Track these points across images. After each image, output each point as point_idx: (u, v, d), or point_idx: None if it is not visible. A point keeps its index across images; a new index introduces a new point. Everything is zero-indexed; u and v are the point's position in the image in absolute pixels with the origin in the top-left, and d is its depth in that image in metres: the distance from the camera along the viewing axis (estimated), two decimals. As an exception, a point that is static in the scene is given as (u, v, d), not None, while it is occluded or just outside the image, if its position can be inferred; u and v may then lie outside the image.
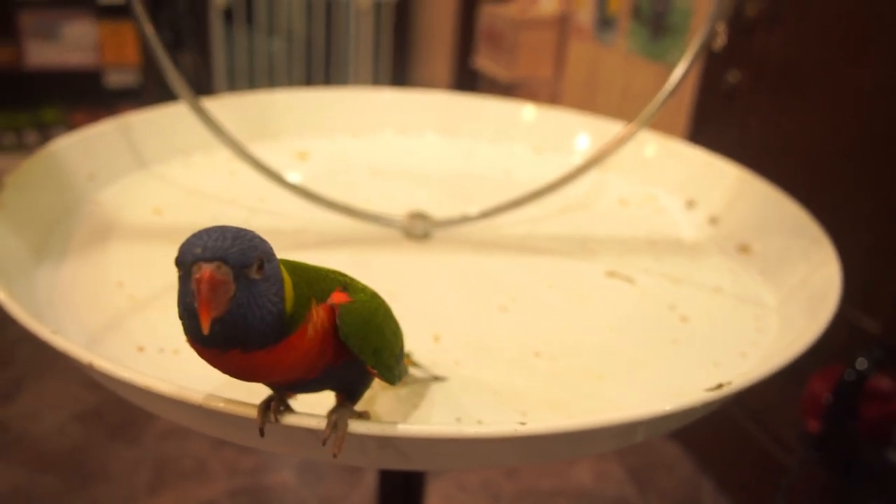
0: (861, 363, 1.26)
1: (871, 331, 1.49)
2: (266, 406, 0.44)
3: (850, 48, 1.55)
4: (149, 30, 0.80)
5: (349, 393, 0.47)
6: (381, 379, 0.46)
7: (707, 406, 0.51)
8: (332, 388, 0.47)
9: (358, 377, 0.47)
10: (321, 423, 0.43)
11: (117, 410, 2.13)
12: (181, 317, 0.39)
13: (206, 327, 0.36)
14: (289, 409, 0.45)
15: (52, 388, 2.20)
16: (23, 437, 2.01)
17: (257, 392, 0.45)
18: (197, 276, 0.36)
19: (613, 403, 0.61)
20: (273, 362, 0.41)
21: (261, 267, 0.38)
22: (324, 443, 0.42)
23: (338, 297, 0.44)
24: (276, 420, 0.44)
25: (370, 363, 0.44)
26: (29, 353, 2.32)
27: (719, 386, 0.52)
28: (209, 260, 0.37)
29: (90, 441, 2.01)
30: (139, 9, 0.81)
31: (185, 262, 0.37)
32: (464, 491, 1.94)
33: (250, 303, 0.38)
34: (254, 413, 0.44)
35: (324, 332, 0.42)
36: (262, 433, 0.44)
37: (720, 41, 0.83)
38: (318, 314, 0.42)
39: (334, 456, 0.42)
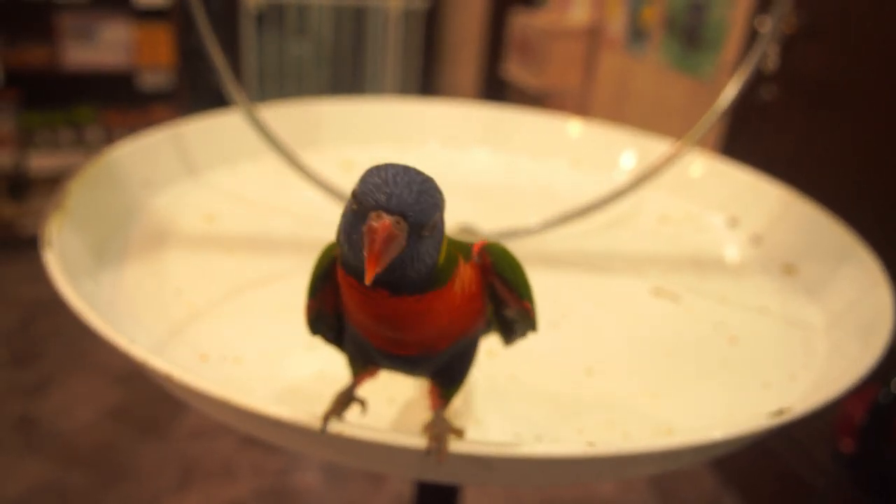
0: (896, 384, 1.25)
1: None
2: (339, 405, 0.46)
3: (888, 64, 1.54)
4: (210, 42, 0.82)
5: (450, 380, 0.48)
6: (530, 319, 0.47)
7: (769, 431, 0.52)
8: (436, 375, 0.48)
9: (469, 359, 0.48)
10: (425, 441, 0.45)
11: (146, 408, 2.16)
12: (340, 244, 0.39)
13: (370, 278, 0.35)
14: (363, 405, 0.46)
15: (82, 384, 2.23)
16: (53, 433, 2.04)
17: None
18: (375, 224, 0.35)
19: (670, 424, 0.62)
20: (417, 312, 0.41)
21: (434, 226, 0.38)
22: (428, 453, 0.44)
23: (477, 246, 0.45)
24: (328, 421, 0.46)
25: (525, 296, 0.45)
26: (58, 349, 2.35)
27: (780, 412, 0.52)
28: (391, 212, 0.36)
29: (119, 438, 2.04)
30: (201, 17, 0.83)
31: (365, 204, 0.36)
32: (489, 498, 1.94)
33: (413, 256, 0.38)
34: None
35: (470, 292, 0.43)
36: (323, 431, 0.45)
37: (771, 64, 0.83)
38: (465, 271, 0.42)
39: (429, 454, 0.44)
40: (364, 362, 0.49)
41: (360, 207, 0.37)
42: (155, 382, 0.55)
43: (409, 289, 0.39)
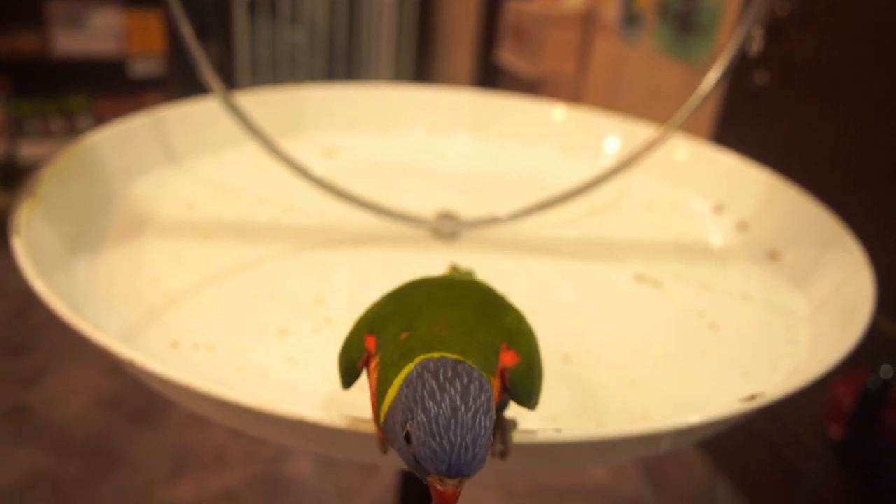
0: (886, 371, 1.25)
1: None
2: None
3: (883, 50, 1.53)
4: (186, 28, 0.81)
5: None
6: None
7: (741, 417, 0.52)
8: None
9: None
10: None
11: (138, 397, 2.16)
12: (398, 453, 0.39)
13: None
14: None
15: (74, 374, 2.23)
16: (47, 422, 2.04)
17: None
18: (440, 488, 0.36)
19: (645, 411, 0.61)
20: None
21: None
22: (493, 454, 0.45)
23: (506, 359, 0.44)
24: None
25: (532, 407, 0.45)
26: (51, 340, 2.35)
27: (752, 397, 0.52)
28: (454, 477, 0.36)
29: (112, 427, 2.05)
30: (175, 4, 0.82)
31: (427, 468, 0.36)
32: (480, 486, 1.94)
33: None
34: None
35: (498, 392, 0.43)
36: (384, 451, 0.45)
37: (756, 47, 0.82)
38: (494, 386, 0.42)
39: (503, 457, 0.45)
40: None
41: (419, 470, 0.37)
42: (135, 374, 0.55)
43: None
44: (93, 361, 2.27)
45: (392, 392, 0.38)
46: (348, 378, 0.47)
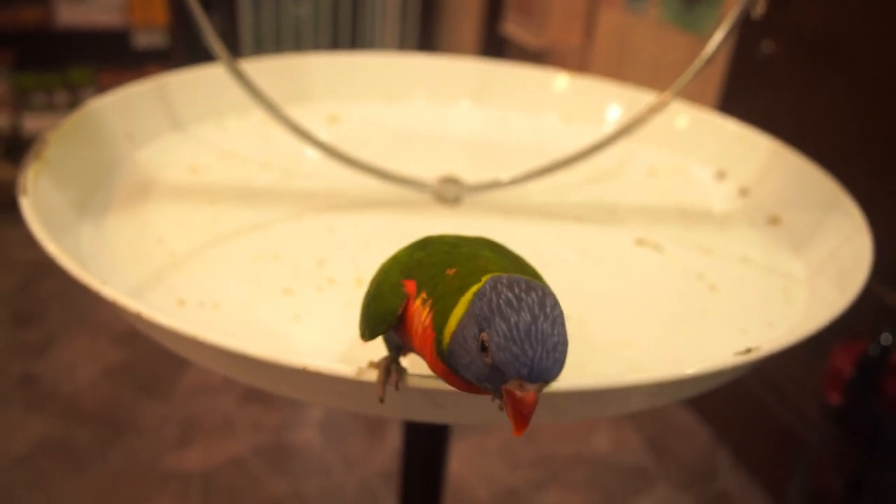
0: (886, 338, 1.26)
1: (897, 307, 1.48)
2: (386, 374, 0.46)
3: (889, 20, 1.51)
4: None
5: None
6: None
7: (737, 369, 0.53)
8: None
9: None
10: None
11: (147, 367, 2.19)
12: (465, 374, 0.39)
13: (519, 433, 0.36)
14: (405, 372, 0.47)
15: (83, 343, 2.26)
16: (56, 392, 2.07)
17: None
18: (520, 394, 0.36)
19: (640, 367, 0.62)
20: None
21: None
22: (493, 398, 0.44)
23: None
24: (397, 388, 0.46)
25: None
26: (59, 310, 2.38)
27: (748, 350, 0.53)
28: (535, 381, 0.36)
29: (121, 396, 2.08)
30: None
31: (507, 371, 0.36)
32: (483, 454, 1.97)
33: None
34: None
35: None
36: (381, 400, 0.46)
37: (759, 10, 0.81)
38: None
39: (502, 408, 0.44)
40: (409, 351, 0.50)
41: (499, 371, 0.37)
42: (155, 341, 0.56)
43: None
44: (101, 332, 2.30)
45: (458, 313, 0.39)
46: (381, 327, 0.46)
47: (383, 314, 0.45)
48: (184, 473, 1.84)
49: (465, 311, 0.38)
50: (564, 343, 0.37)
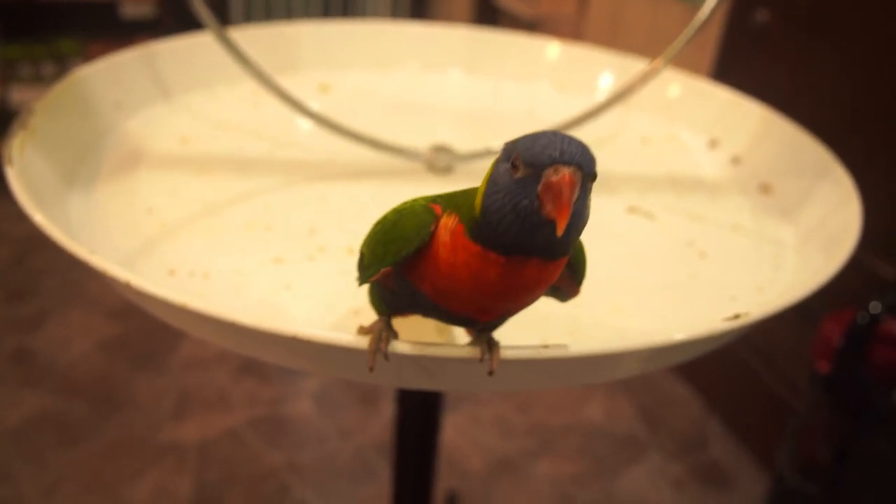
0: (875, 307, 1.27)
1: (886, 277, 1.49)
2: (377, 340, 0.45)
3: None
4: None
5: (493, 328, 0.49)
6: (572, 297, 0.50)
7: (726, 335, 0.53)
8: (485, 329, 0.49)
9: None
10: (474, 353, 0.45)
11: (141, 340, 2.19)
12: (502, 216, 0.38)
13: (562, 228, 0.36)
14: (396, 336, 0.46)
15: (77, 318, 2.26)
16: (51, 365, 2.08)
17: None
18: (555, 178, 0.36)
19: (630, 333, 0.62)
20: (546, 279, 0.42)
21: (593, 179, 0.39)
22: (481, 360, 0.45)
23: None
24: (387, 358, 0.45)
25: (581, 281, 0.48)
26: (53, 284, 2.37)
27: (737, 316, 0.53)
28: (567, 163, 0.37)
29: (116, 370, 2.08)
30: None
31: (540, 163, 0.37)
32: (477, 424, 1.99)
33: (580, 213, 0.39)
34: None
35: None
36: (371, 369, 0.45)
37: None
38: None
39: (490, 374, 0.45)
40: (405, 312, 0.49)
41: (532, 170, 0.37)
42: (149, 314, 0.55)
43: (563, 249, 0.40)
44: (95, 306, 2.30)
45: (482, 186, 0.40)
46: (408, 247, 0.43)
47: (414, 230, 0.43)
48: (179, 446, 1.85)
49: (490, 173, 0.40)
50: (588, 149, 0.38)
